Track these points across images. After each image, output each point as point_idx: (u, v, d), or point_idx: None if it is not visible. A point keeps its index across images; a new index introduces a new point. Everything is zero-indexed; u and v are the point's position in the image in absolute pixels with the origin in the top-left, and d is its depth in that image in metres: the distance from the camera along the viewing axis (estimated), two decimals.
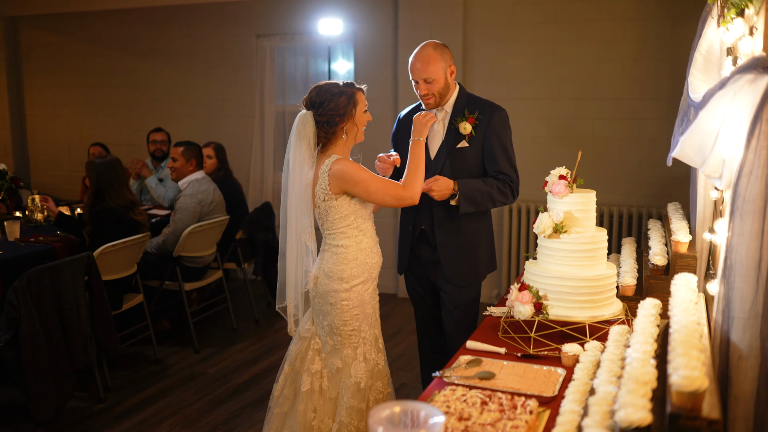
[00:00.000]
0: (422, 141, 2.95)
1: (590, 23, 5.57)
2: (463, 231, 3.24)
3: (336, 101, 2.83)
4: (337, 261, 2.89)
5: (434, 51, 3.15)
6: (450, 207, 3.17)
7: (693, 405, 1.45)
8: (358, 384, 2.88)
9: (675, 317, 1.90)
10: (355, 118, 2.87)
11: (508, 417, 1.87)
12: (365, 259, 2.92)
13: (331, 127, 2.84)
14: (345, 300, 2.88)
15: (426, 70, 3.13)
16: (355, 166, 2.82)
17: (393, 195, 2.83)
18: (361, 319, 2.91)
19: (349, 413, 2.85)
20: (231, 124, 7.04)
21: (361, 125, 2.92)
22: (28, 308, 3.56)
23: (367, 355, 2.93)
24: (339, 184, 2.80)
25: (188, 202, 5.05)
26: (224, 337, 5.32)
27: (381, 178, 2.87)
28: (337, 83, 2.89)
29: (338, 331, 2.90)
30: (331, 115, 2.83)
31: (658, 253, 2.97)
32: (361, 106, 2.90)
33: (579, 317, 2.51)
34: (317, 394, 2.94)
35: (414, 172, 2.90)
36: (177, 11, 7.08)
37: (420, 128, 2.98)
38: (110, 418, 3.99)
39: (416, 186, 2.88)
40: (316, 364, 2.95)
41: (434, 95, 3.17)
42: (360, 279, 2.90)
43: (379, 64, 6.27)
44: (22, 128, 8.16)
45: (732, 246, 1.67)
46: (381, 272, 6.36)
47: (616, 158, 5.61)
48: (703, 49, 2.65)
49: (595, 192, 2.68)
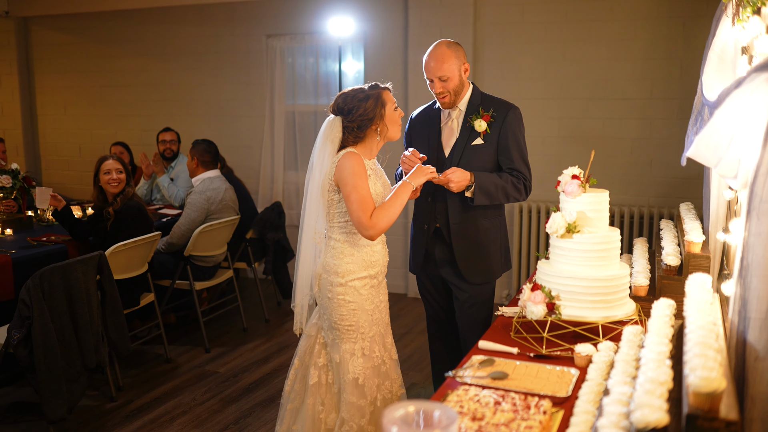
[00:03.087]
0: (411, 187, 2.90)
1: (601, 23, 5.54)
2: (477, 228, 3.26)
3: (364, 106, 2.85)
4: (333, 255, 2.90)
5: (448, 49, 3.17)
6: (465, 203, 3.20)
7: (710, 406, 1.44)
8: (356, 380, 2.88)
9: (690, 317, 1.89)
10: (385, 118, 2.89)
11: (521, 417, 1.86)
12: (363, 256, 2.90)
13: (362, 131, 2.86)
14: (341, 295, 2.88)
15: (441, 68, 3.15)
16: (358, 169, 2.79)
17: (358, 217, 2.78)
18: (359, 314, 2.90)
19: (348, 409, 2.86)
20: (241, 123, 7.05)
21: (394, 123, 2.93)
22: (40, 307, 3.57)
23: (366, 351, 2.92)
24: (337, 177, 2.82)
25: (196, 199, 5.09)
26: (235, 337, 5.33)
27: (367, 196, 2.79)
28: (362, 88, 2.91)
29: (336, 325, 2.90)
30: (362, 120, 2.85)
31: (671, 253, 2.96)
32: (390, 105, 2.91)
33: (592, 317, 2.50)
34: (324, 387, 2.96)
35: (388, 208, 2.82)
36: (187, 11, 7.10)
37: (417, 175, 2.93)
38: (121, 416, 4.01)
39: (381, 222, 2.80)
40: (323, 358, 2.98)
41: (449, 93, 3.20)
42: (357, 275, 2.89)
43: (389, 64, 6.26)
44: (33, 128, 8.20)
45: (748, 246, 1.66)
46: (390, 271, 6.37)
47: (626, 158, 5.58)
48: (717, 48, 2.63)
49: (608, 192, 2.67)
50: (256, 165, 6.98)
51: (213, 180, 5.21)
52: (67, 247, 4.63)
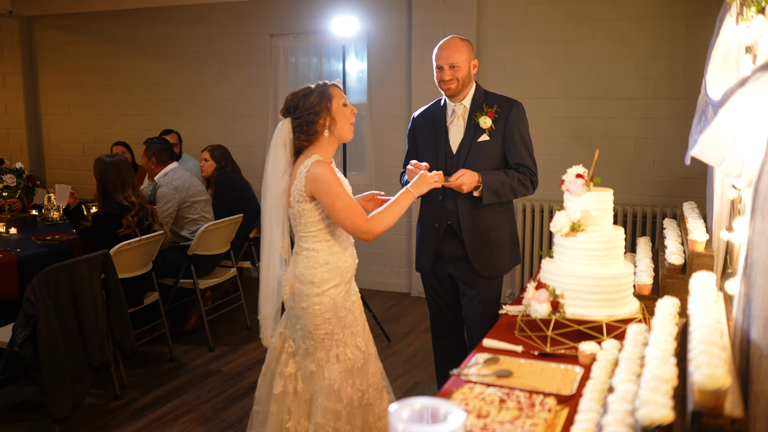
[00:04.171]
0: (413, 196, 2.90)
1: (604, 22, 5.55)
2: (487, 222, 3.31)
3: (308, 99, 2.82)
4: (308, 265, 2.84)
5: (461, 42, 3.29)
6: (474, 199, 3.25)
7: (715, 403, 1.44)
8: (332, 386, 2.84)
9: (695, 316, 1.89)
10: (332, 111, 2.83)
11: (526, 415, 1.87)
12: (337, 263, 2.86)
13: (310, 127, 2.81)
14: (317, 304, 2.82)
15: (453, 55, 3.24)
16: (332, 177, 2.75)
17: (353, 222, 2.75)
18: (334, 323, 2.86)
19: (324, 414, 2.82)
20: (244, 123, 7.06)
21: (343, 118, 2.85)
22: (45, 306, 3.59)
23: (340, 356, 2.88)
24: (311, 188, 2.76)
25: (164, 191, 5.20)
26: (238, 336, 5.34)
27: (350, 201, 2.77)
28: (309, 85, 2.89)
29: (311, 335, 2.85)
30: (308, 113, 2.80)
31: (674, 252, 2.96)
32: (337, 99, 2.84)
33: (596, 316, 2.51)
34: (291, 396, 2.90)
35: (387, 213, 2.82)
36: (191, 11, 7.12)
37: (420, 184, 2.91)
38: (126, 415, 4.02)
39: (380, 225, 2.79)
40: (290, 367, 2.92)
41: (457, 80, 3.25)
42: (332, 283, 2.84)
43: (392, 64, 6.27)
44: (37, 127, 8.22)
45: (753, 244, 1.66)
46: (393, 270, 6.36)
47: (630, 158, 5.59)
48: (721, 47, 2.63)
49: (612, 191, 2.68)
50: (258, 164, 6.97)
51: (175, 170, 5.33)
52: (71, 246, 4.65)
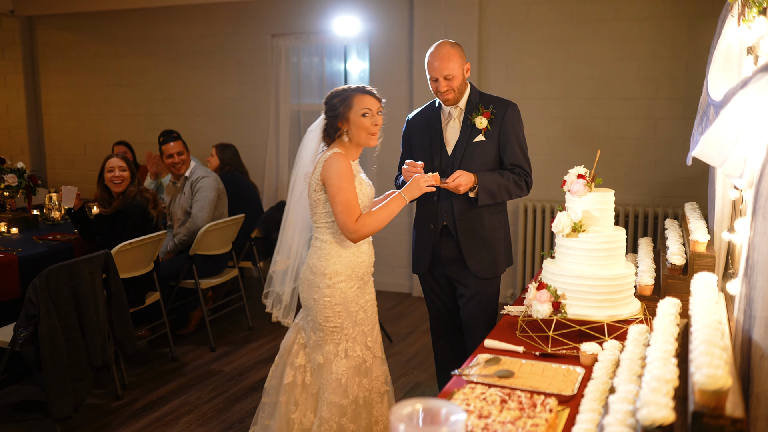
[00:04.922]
0: (404, 201, 2.91)
1: (606, 22, 5.55)
2: (483, 223, 3.32)
3: (331, 102, 2.90)
4: (320, 256, 2.91)
5: (451, 48, 3.25)
6: (468, 199, 3.25)
7: (716, 403, 1.44)
8: (339, 380, 2.89)
9: (696, 316, 1.89)
10: (350, 120, 2.86)
11: (528, 415, 1.87)
12: (350, 257, 2.91)
13: (332, 128, 2.90)
14: (327, 296, 2.88)
15: (447, 67, 3.21)
16: (345, 170, 2.80)
17: (344, 219, 2.79)
18: (344, 317, 2.91)
19: (329, 409, 2.87)
20: (246, 123, 7.07)
21: (360, 128, 2.86)
22: (46, 305, 3.59)
23: (349, 351, 2.92)
24: (323, 177, 2.83)
25: (208, 181, 5.17)
26: (240, 336, 5.35)
27: (352, 198, 2.80)
28: (347, 86, 2.95)
29: (320, 326, 2.91)
30: (330, 115, 2.90)
31: (676, 252, 2.96)
32: (357, 108, 2.85)
33: (597, 316, 2.51)
34: (299, 387, 2.97)
35: (375, 217, 2.84)
36: (193, 11, 7.12)
37: (413, 189, 2.92)
38: (127, 415, 4.02)
39: (366, 228, 2.81)
40: (300, 358, 2.99)
41: (454, 90, 3.26)
42: (342, 276, 2.89)
43: (394, 64, 6.27)
44: (38, 127, 8.22)
45: (754, 245, 1.66)
46: (395, 271, 6.35)
47: (631, 158, 5.59)
48: (723, 48, 2.63)
49: (613, 191, 2.68)
50: (261, 164, 6.99)
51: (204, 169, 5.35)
52: (72, 245, 4.65)
